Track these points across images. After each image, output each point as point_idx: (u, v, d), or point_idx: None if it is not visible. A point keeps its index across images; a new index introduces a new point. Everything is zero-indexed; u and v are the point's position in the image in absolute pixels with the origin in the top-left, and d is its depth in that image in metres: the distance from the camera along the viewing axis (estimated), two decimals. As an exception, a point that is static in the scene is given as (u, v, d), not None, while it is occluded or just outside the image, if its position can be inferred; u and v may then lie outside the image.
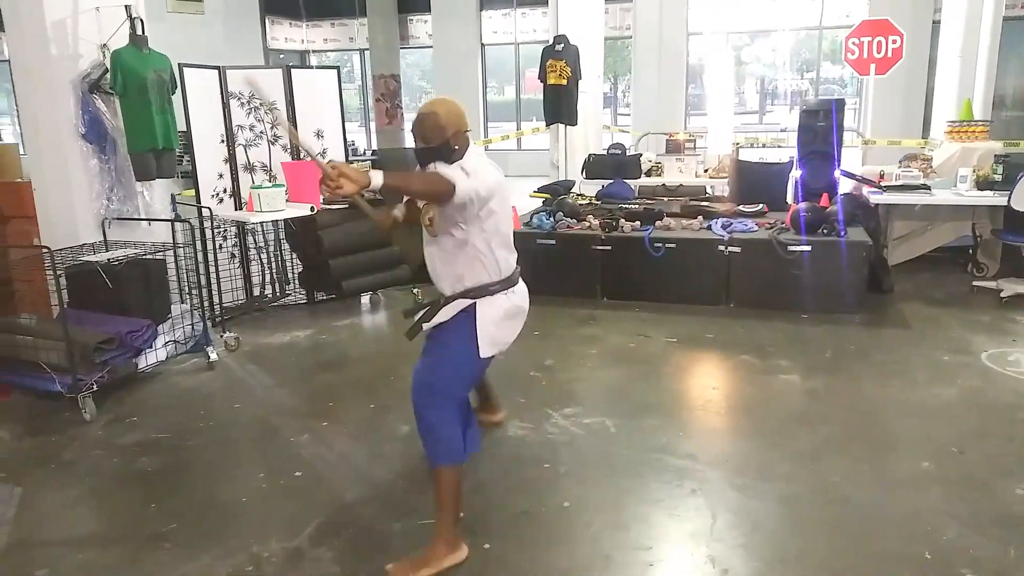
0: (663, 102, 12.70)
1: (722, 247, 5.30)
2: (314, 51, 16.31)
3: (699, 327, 4.93)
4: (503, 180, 2.59)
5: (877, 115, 8.83)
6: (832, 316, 5.00)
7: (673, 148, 7.27)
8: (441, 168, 2.44)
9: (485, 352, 2.61)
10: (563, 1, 8.06)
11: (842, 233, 5.09)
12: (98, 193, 4.46)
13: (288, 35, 15.60)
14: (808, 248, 5.10)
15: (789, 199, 6.28)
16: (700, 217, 5.79)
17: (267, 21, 14.83)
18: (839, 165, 6.06)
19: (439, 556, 2.48)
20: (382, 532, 2.74)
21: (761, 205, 6.01)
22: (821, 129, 5.99)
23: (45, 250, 3.73)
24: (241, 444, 3.52)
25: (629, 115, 14.24)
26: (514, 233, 5.44)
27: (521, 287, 2.78)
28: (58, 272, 3.82)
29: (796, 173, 6.24)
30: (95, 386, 3.75)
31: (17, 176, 4.63)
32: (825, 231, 5.17)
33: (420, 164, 2.57)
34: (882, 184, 5.67)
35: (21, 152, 4.79)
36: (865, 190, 5.75)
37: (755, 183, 6.49)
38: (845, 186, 6.15)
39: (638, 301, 5.46)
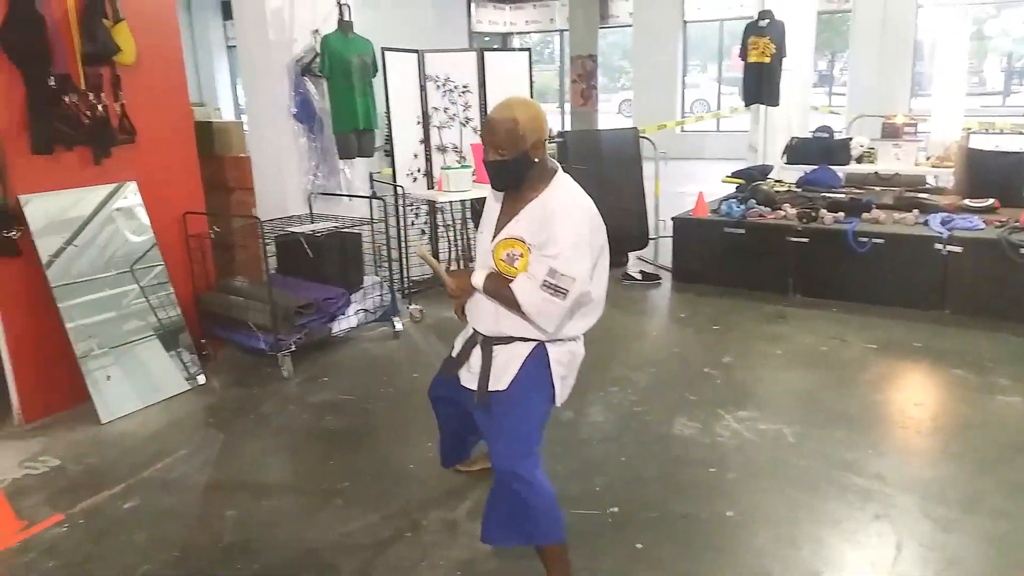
0: (884, 82, 11.53)
1: (939, 245, 4.72)
2: (516, 33, 16.62)
3: (906, 333, 4.44)
4: (599, 221, 2.22)
5: None
6: (1074, 331, 4.31)
7: (890, 132, 6.56)
8: (532, 279, 2.12)
9: (560, 399, 2.34)
10: (773, -27, 7.54)
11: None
12: (306, 169, 4.83)
13: (492, 17, 16.01)
14: (1048, 251, 4.41)
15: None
16: (916, 211, 5.20)
17: (472, 4, 15.29)
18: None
19: None
20: (537, 516, 2.73)
21: (991, 200, 5.29)
22: (1077, 113, 5.13)
23: (255, 219, 4.09)
24: (415, 412, 3.66)
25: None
26: (700, 220, 5.21)
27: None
28: (267, 241, 4.19)
29: (1041, 163, 5.41)
30: (293, 346, 4.08)
31: (241, 152, 5.11)
32: (1072, 232, 4.44)
33: (493, 179, 2.26)
34: None
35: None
36: None
37: (987, 174, 5.71)
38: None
39: (836, 300, 5.02)
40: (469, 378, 2.38)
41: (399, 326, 4.67)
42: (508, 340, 2.27)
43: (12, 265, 3.48)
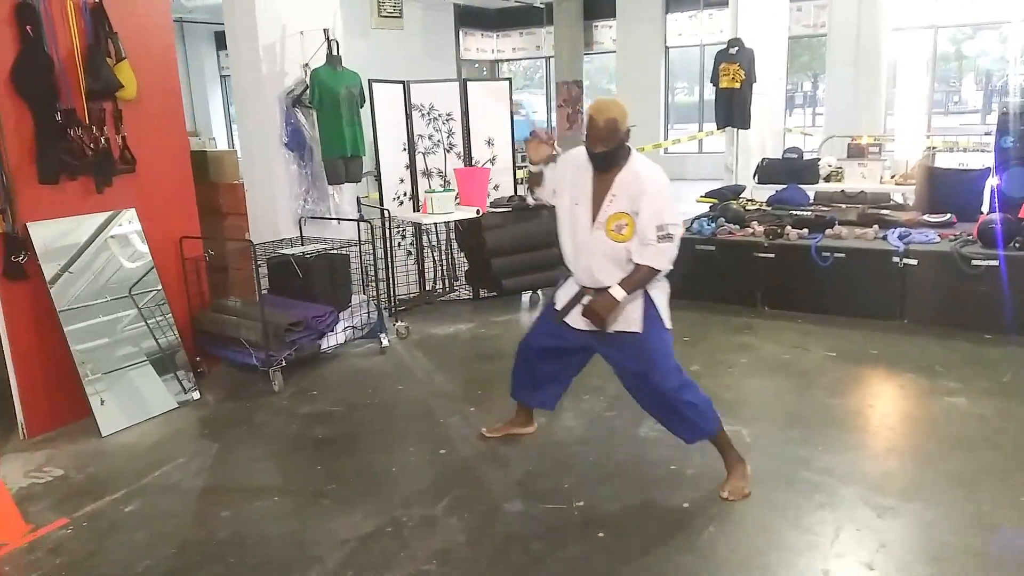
0: (859, 103, 11.89)
1: (897, 258, 4.99)
2: (504, 60, 17.02)
3: (864, 342, 4.70)
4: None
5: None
6: (1021, 338, 4.56)
7: (855, 152, 6.87)
8: (652, 239, 2.79)
9: (669, 323, 2.98)
10: (744, 2, 7.91)
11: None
12: (296, 195, 5.09)
13: (480, 45, 16.40)
14: (996, 263, 4.68)
15: (985, 209, 5.76)
16: (876, 226, 5.48)
17: (460, 33, 15.69)
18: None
19: (744, 472, 3.03)
20: (506, 511, 2.96)
21: (949, 215, 5.58)
22: (1023, 133, 5.43)
23: (248, 242, 4.35)
24: (399, 421, 3.90)
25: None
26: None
27: None
28: (259, 262, 4.44)
29: (993, 181, 5.70)
30: (284, 362, 4.32)
31: (235, 178, 5.36)
32: (1017, 245, 4.71)
33: (598, 164, 2.88)
34: (1096, 194, 5.05)
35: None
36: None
37: (946, 191, 6.01)
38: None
39: (802, 312, 5.28)
40: (582, 322, 2.99)
41: (385, 342, 4.91)
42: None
43: (20, 288, 3.72)
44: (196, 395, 4.25)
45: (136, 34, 4.11)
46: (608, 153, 2.82)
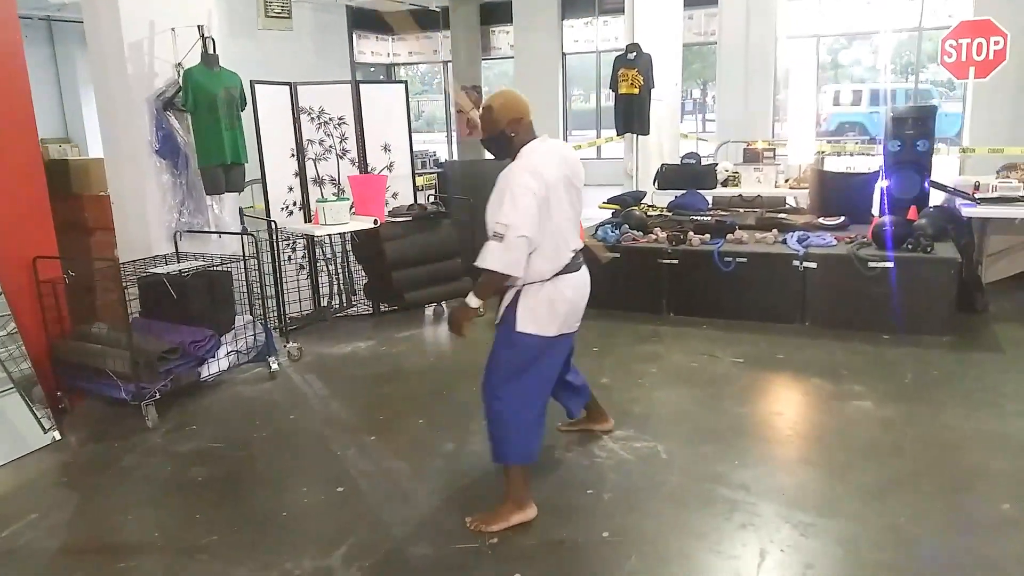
0: (749, 109, 12.27)
1: (797, 262, 5.02)
2: (400, 64, 16.65)
3: (769, 347, 4.68)
4: (553, 177, 2.70)
5: (978, 122, 8.24)
6: (916, 338, 4.66)
7: (751, 157, 6.97)
8: (489, 246, 2.62)
9: (522, 326, 2.74)
10: (639, 9, 7.91)
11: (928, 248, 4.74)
12: (170, 206, 4.62)
13: (375, 48, 15.97)
14: (891, 264, 4.77)
15: (876, 211, 5.91)
16: (775, 230, 5.52)
17: (354, 36, 15.22)
18: (930, 175, 5.66)
19: (508, 513, 2.79)
20: (412, 555, 2.69)
21: (843, 217, 5.69)
22: (910, 137, 5.60)
23: (110, 262, 3.89)
24: (290, 456, 3.55)
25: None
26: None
27: (572, 277, 2.85)
28: (127, 283, 3.98)
29: (883, 184, 5.86)
30: (158, 394, 3.87)
31: (102, 190, 4.85)
32: (910, 246, 4.82)
33: (489, 151, 2.89)
34: (976, 196, 5.24)
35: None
36: (958, 202, 5.35)
37: (837, 194, 6.13)
38: (936, 198, 5.75)
39: (706, 318, 5.25)
40: None
41: (275, 366, 4.52)
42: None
43: None
44: (56, 436, 3.76)
45: (-29, 28, 3.60)
46: (488, 142, 2.84)
